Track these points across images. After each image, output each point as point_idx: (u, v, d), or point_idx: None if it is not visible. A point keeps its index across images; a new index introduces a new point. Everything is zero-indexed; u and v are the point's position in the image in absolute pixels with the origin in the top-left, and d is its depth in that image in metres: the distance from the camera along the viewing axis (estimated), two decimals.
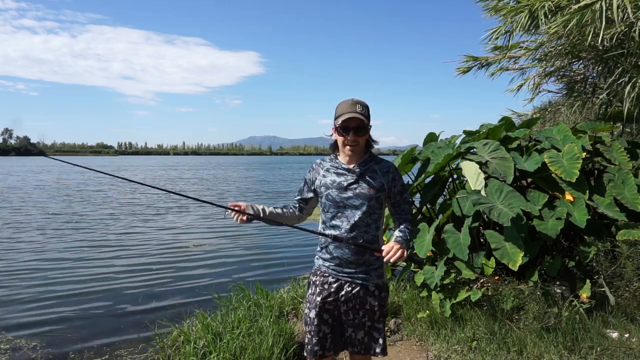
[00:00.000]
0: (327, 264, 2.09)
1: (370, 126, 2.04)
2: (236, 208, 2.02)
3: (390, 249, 1.86)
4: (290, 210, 2.19)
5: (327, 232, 2.07)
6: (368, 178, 2.01)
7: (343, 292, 2.05)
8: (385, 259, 1.87)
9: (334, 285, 2.06)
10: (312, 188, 2.14)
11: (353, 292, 2.04)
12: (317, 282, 2.10)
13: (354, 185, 2.00)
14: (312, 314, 2.07)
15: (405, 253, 1.89)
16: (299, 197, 2.21)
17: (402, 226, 2.06)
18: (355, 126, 1.96)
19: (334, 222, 2.03)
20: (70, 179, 26.93)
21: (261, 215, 2.09)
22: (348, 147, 2.00)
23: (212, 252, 7.87)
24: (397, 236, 1.99)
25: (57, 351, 3.86)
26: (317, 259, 2.16)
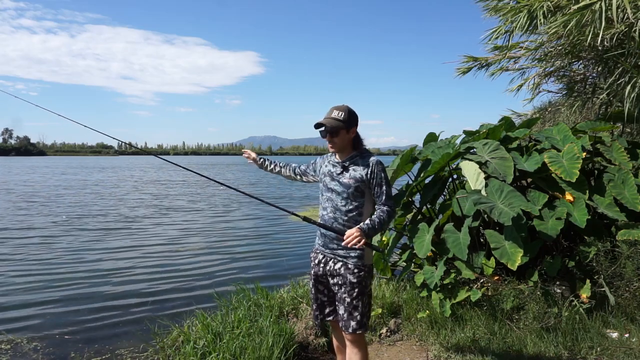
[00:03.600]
0: (318, 241, 2.46)
1: (352, 128, 2.34)
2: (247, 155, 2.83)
3: (349, 235, 2.11)
4: (288, 169, 2.76)
5: (320, 212, 2.44)
6: (351, 170, 2.35)
7: (328, 267, 2.38)
8: (343, 244, 2.14)
9: (322, 261, 2.42)
10: (315, 169, 2.61)
11: (335, 267, 2.35)
12: (312, 258, 2.51)
13: (340, 176, 2.36)
14: (311, 284, 2.52)
15: (363, 240, 2.10)
16: (304, 168, 2.70)
17: (374, 215, 2.27)
18: (328, 130, 2.31)
19: (324, 205, 2.41)
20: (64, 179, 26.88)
21: (263, 165, 2.80)
22: (329, 146, 2.38)
23: (213, 252, 7.87)
24: (361, 224, 2.20)
25: (57, 351, 3.86)
26: (316, 237, 2.53)
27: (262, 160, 2.81)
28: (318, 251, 2.46)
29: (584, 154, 4.12)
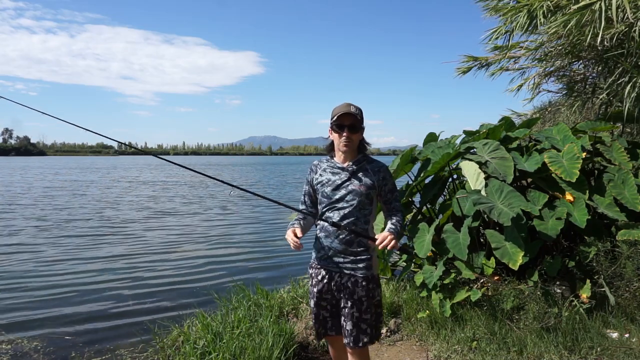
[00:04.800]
0: (319, 255, 2.25)
1: (364, 128, 2.18)
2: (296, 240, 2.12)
3: (385, 238, 1.98)
4: (308, 219, 2.31)
5: (320, 224, 2.22)
6: (360, 175, 2.16)
7: (334, 282, 2.20)
8: (380, 247, 1.99)
9: (326, 277, 2.22)
10: (314, 187, 2.29)
11: (342, 281, 2.18)
12: (313, 275, 2.30)
13: (347, 183, 2.15)
14: (312, 304, 2.31)
15: (397, 243, 2.01)
16: (309, 202, 2.32)
17: (394, 219, 2.20)
18: (349, 124, 2.11)
19: (327, 215, 2.18)
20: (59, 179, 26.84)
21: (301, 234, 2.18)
22: (342, 143, 2.14)
23: (212, 252, 7.87)
24: (389, 227, 2.13)
25: (58, 351, 3.86)
26: (313, 251, 2.32)
27: (300, 228, 2.20)
28: (319, 266, 2.25)
29: (584, 154, 4.13)
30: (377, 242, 2.00)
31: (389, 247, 1.98)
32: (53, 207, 13.57)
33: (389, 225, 2.17)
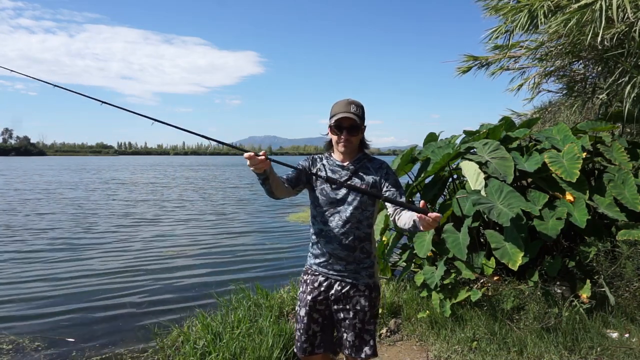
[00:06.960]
0: (317, 261, 2.10)
1: (365, 127, 2.06)
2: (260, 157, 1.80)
3: (436, 215, 1.65)
4: (286, 185, 2.04)
5: (318, 227, 2.06)
6: (361, 174, 2.04)
7: (333, 291, 2.06)
8: (431, 222, 1.65)
9: (324, 284, 2.08)
10: (307, 175, 2.09)
11: (343, 291, 2.05)
12: (308, 281, 2.13)
13: (348, 182, 2.01)
14: (302, 312, 2.11)
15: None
16: (294, 175, 2.07)
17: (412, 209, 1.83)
18: (348, 126, 1.99)
19: (326, 218, 2.04)
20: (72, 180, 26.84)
21: (271, 175, 1.90)
22: (341, 144, 2.02)
23: (212, 252, 7.87)
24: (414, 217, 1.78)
25: (59, 351, 3.86)
26: (309, 256, 2.18)
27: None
28: (317, 273, 2.11)
29: (584, 154, 4.12)
30: (431, 216, 1.65)
31: (434, 222, 1.65)
32: (56, 206, 13.58)
33: (411, 214, 1.79)
